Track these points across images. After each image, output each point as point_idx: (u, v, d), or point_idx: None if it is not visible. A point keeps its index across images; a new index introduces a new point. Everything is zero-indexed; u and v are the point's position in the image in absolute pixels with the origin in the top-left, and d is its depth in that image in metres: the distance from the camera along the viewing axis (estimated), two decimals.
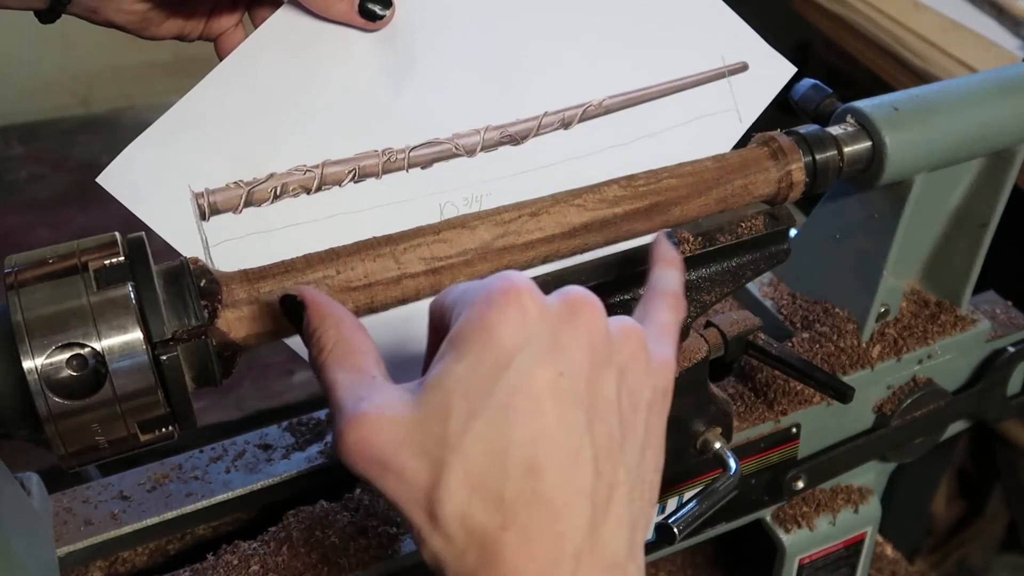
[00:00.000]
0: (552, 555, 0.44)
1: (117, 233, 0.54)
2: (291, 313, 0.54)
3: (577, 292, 0.48)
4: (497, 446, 0.44)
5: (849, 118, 0.77)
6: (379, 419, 0.46)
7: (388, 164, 0.66)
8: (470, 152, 0.68)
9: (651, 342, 0.50)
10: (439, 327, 0.49)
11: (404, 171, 0.67)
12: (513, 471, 0.44)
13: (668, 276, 0.58)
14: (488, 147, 0.68)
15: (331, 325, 0.51)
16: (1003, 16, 1.56)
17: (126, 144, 0.63)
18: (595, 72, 0.71)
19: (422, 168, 0.67)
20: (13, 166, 1.76)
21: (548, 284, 0.64)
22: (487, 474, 0.44)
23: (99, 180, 0.62)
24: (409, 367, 0.66)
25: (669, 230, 0.63)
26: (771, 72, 0.75)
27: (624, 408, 0.48)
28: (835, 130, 0.75)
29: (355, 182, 0.66)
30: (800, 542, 0.93)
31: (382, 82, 0.68)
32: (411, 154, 0.67)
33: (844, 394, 0.77)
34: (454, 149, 0.68)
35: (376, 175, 0.66)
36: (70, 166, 1.76)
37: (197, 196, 0.63)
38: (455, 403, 0.45)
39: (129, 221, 0.61)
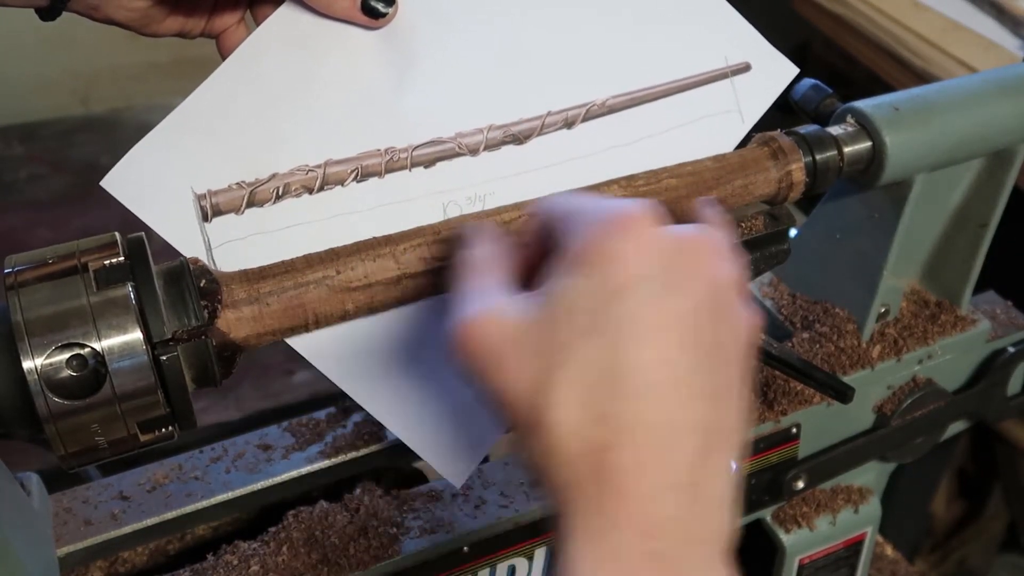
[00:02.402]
0: (669, 481, 0.44)
1: (117, 233, 0.54)
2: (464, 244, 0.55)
3: (702, 237, 0.48)
4: (611, 366, 0.44)
5: (849, 118, 0.77)
6: (496, 317, 0.47)
7: (391, 163, 0.66)
8: (473, 151, 0.68)
9: None
10: (543, 235, 0.51)
11: (407, 170, 0.67)
12: (628, 393, 0.44)
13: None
14: (491, 146, 0.68)
15: (477, 245, 0.53)
16: (1003, 16, 1.56)
17: (126, 144, 0.63)
18: (598, 72, 0.71)
19: (425, 167, 0.67)
20: (13, 166, 1.76)
21: None
22: (600, 391, 0.44)
23: (103, 184, 0.62)
24: (410, 366, 0.66)
25: (711, 198, 0.63)
26: (774, 72, 0.75)
27: (731, 359, 0.48)
28: (835, 130, 0.75)
29: (358, 182, 0.66)
30: (800, 542, 0.93)
31: (385, 81, 0.67)
32: (414, 153, 0.67)
33: (844, 394, 0.77)
34: (457, 148, 0.68)
35: (379, 174, 0.66)
36: (70, 166, 1.76)
37: (199, 198, 0.63)
38: (576, 316, 0.45)
39: (129, 221, 0.61)
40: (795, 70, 0.76)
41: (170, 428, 0.54)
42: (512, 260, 0.53)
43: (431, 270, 0.61)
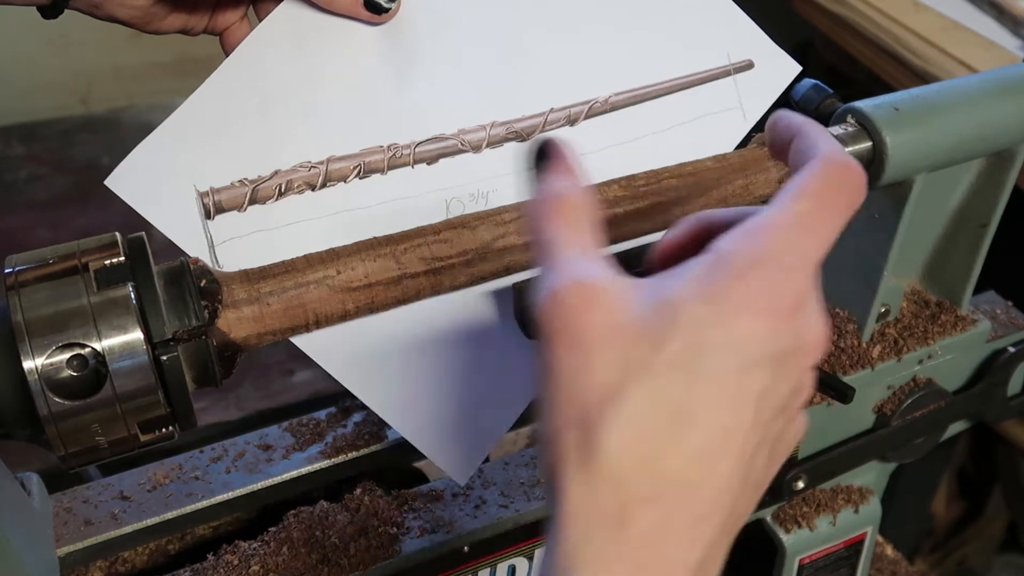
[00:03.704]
0: (685, 557, 0.41)
1: (118, 233, 0.54)
2: (538, 157, 0.47)
3: (819, 335, 0.45)
4: (686, 413, 0.41)
5: (849, 118, 0.77)
6: (605, 299, 0.42)
7: (393, 160, 0.66)
8: (476, 148, 0.68)
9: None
10: (692, 232, 0.49)
11: (410, 167, 0.67)
12: (688, 446, 0.41)
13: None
14: (494, 143, 0.68)
15: (573, 184, 0.46)
16: (1003, 16, 1.56)
17: (126, 144, 0.63)
18: (601, 69, 0.71)
19: (428, 164, 0.67)
20: (13, 166, 1.76)
21: None
22: (663, 434, 0.41)
23: (107, 183, 0.62)
24: (414, 364, 0.66)
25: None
26: (776, 70, 0.75)
27: (779, 458, 0.47)
28: (835, 130, 0.75)
29: (360, 178, 0.66)
30: (800, 542, 0.92)
31: (387, 77, 0.67)
32: (416, 150, 0.67)
33: (844, 394, 0.77)
34: (460, 145, 0.68)
35: (381, 171, 0.66)
36: (70, 166, 1.76)
37: (202, 195, 0.63)
38: (677, 339, 0.41)
39: (130, 221, 0.61)
40: (797, 68, 0.76)
41: (170, 428, 0.54)
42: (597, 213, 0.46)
43: (432, 270, 0.61)
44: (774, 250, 0.43)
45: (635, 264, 0.69)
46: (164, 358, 0.52)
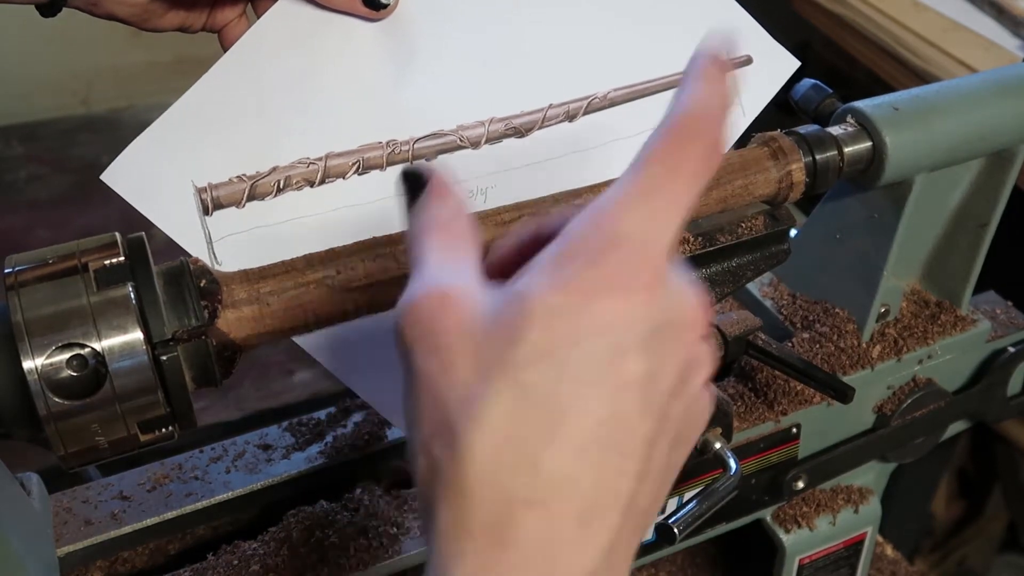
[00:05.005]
0: (577, 565, 0.38)
1: (117, 233, 0.54)
2: (410, 186, 0.45)
3: (693, 304, 0.41)
4: (556, 406, 0.37)
5: (849, 118, 0.77)
6: (458, 302, 0.39)
7: (392, 156, 0.66)
8: (475, 144, 0.68)
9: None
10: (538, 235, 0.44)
11: (409, 163, 0.67)
12: (566, 442, 0.37)
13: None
14: (493, 139, 0.68)
15: (449, 206, 0.44)
16: (1003, 16, 1.56)
17: (126, 144, 0.63)
18: (600, 65, 0.71)
19: (426, 160, 0.67)
20: (13, 166, 1.76)
21: None
22: (534, 431, 0.37)
23: (103, 177, 0.62)
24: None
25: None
26: (775, 66, 0.75)
27: (682, 440, 0.43)
28: (835, 130, 0.75)
29: (359, 174, 0.66)
30: (800, 542, 0.93)
31: (386, 73, 0.67)
32: (415, 146, 0.67)
33: (844, 394, 0.77)
34: (458, 141, 0.68)
35: (380, 167, 0.66)
36: (70, 166, 1.76)
37: (200, 191, 0.63)
38: (532, 331, 0.37)
39: (130, 221, 0.61)
40: (796, 63, 0.76)
41: (170, 428, 0.54)
42: (476, 236, 0.44)
43: None
44: (622, 227, 0.39)
45: None
46: (164, 358, 0.52)
